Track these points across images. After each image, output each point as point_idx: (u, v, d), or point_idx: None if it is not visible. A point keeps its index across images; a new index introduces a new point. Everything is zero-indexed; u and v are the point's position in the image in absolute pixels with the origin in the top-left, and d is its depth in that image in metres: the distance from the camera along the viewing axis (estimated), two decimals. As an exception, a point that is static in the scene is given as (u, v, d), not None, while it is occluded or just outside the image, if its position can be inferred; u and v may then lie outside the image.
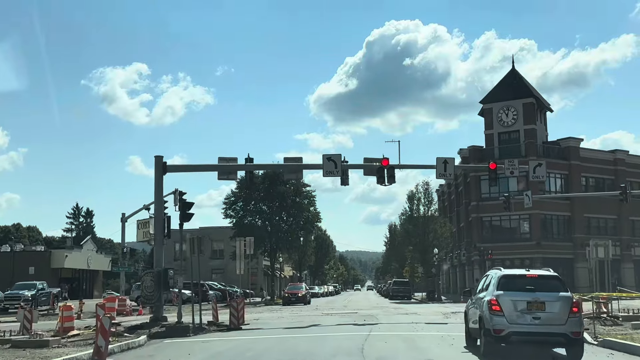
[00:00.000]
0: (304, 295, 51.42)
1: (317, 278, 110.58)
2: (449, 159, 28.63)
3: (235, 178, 26.69)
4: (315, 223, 65.60)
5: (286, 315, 31.16)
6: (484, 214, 58.60)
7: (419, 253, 63.14)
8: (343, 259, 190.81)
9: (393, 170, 27.60)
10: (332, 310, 35.95)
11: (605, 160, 60.36)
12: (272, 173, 63.04)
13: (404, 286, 65.15)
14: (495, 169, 29.26)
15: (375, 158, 28.49)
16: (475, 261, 58.65)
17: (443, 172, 28.33)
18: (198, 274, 25.52)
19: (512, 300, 12.55)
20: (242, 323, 24.26)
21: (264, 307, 45.57)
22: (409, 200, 63.63)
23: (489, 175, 29.42)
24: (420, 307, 38.11)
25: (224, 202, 63.23)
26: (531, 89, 60.56)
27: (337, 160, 27.05)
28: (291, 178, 26.20)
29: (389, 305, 44.54)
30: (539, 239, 55.57)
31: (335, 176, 27.14)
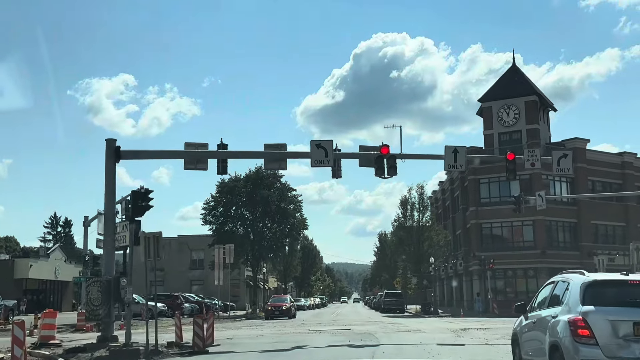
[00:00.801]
0: (289, 308, 46.74)
1: (303, 290, 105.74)
2: (459, 148, 24.27)
3: (205, 167, 22.09)
4: (302, 230, 60.95)
5: (267, 332, 26.52)
6: (484, 220, 54.29)
7: (413, 263, 58.71)
8: (330, 270, 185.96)
9: (394, 160, 23.17)
10: (320, 326, 31.35)
11: (612, 164, 56.36)
12: (255, 176, 58.57)
13: (397, 298, 60.58)
14: (513, 160, 24.92)
15: (372, 146, 24.08)
16: (475, 271, 54.27)
17: (452, 163, 23.96)
18: (153, 283, 20.72)
19: (610, 321, 8.02)
20: (211, 344, 19.59)
21: (244, 322, 40.82)
22: (402, 206, 59.33)
23: (506, 168, 25.07)
24: (420, 323, 33.56)
25: (202, 208, 58.62)
26: (533, 86, 56.55)
27: (327, 148, 22.60)
28: (273, 168, 21.62)
29: (384, 319, 39.95)
30: (544, 247, 51.30)
31: (325, 166, 22.67)
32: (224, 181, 58.27)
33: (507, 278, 52.78)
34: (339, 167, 23.63)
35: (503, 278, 52.73)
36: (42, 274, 62.58)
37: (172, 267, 75.11)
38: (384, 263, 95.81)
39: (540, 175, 51.39)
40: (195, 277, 74.23)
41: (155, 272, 20.20)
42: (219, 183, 58.28)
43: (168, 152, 21.68)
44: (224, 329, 31.13)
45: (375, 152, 23.58)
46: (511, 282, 52.79)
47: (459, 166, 24.02)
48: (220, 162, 22.32)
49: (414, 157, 24.60)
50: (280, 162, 23.00)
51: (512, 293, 52.20)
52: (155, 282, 20.27)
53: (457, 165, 23.99)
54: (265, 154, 22.72)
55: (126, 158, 21.47)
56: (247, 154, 23.03)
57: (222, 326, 34.01)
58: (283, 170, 23.06)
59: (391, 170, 23.11)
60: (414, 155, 24.52)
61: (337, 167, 23.58)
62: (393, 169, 23.09)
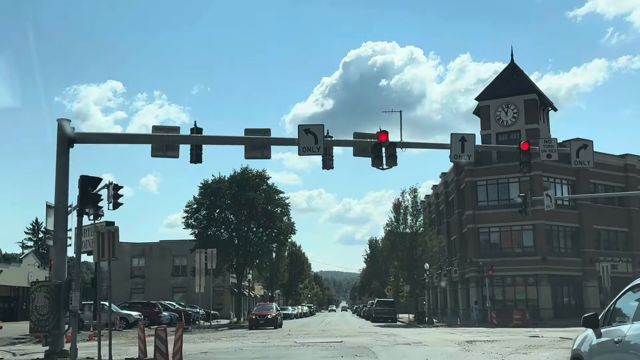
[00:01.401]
0: (275, 317, 43.62)
1: (291, 298, 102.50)
2: (467, 136, 21.42)
3: (175, 155, 19.10)
4: (289, 235, 57.90)
5: (248, 345, 23.45)
6: (482, 224, 51.46)
7: (406, 269, 55.74)
8: (318, 278, 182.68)
9: (394, 148, 20.27)
10: (308, 337, 28.32)
11: (614, 166, 53.77)
12: (240, 177, 55.53)
13: (389, 307, 57.60)
14: (528, 150, 22.05)
15: (369, 133, 21.19)
16: (471, 278, 51.40)
17: (459, 153, 21.11)
18: (108, 287, 17.69)
19: None
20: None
21: (225, 332, 37.68)
22: (394, 210, 56.40)
23: (520, 160, 22.18)
24: (418, 334, 30.59)
25: (184, 211, 55.36)
26: (533, 84, 53.94)
27: (317, 134, 19.69)
28: (255, 156, 18.60)
29: (377, 330, 36.96)
30: (544, 253, 48.51)
31: (314, 154, 19.74)
32: (207, 182, 55.22)
33: (506, 285, 49.95)
34: (330, 156, 20.72)
35: (501, 285, 49.91)
36: (12, 281, 58.98)
37: (153, 273, 71.79)
38: (374, 270, 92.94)
39: (541, 177, 48.73)
40: (177, 285, 70.85)
41: (110, 273, 17.02)
42: (202, 184, 55.22)
43: (131, 135, 18.63)
44: (202, 340, 28.04)
45: (372, 139, 20.70)
46: (510, 290, 49.97)
47: (466, 156, 21.14)
48: (194, 148, 19.33)
49: (416, 146, 21.74)
50: (263, 150, 20.03)
51: (511, 301, 49.37)
52: (109, 284, 16.94)
53: (464, 156, 21.11)
54: (245, 140, 19.75)
55: (82, 142, 18.41)
56: (224, 140, 20.02)
57: (200, 337, 30.95)
58: (266, 159, 20.06)
59: (390, 159, 20.21)
60: (415, 144, 21.63)
61: (329, 156, 20.68)
62: (392, 158, 20.19)
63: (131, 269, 72.81)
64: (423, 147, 21.63)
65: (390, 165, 20.43)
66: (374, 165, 20.44)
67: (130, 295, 69.01)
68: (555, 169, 50.20)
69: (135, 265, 73.15)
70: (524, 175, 50.04)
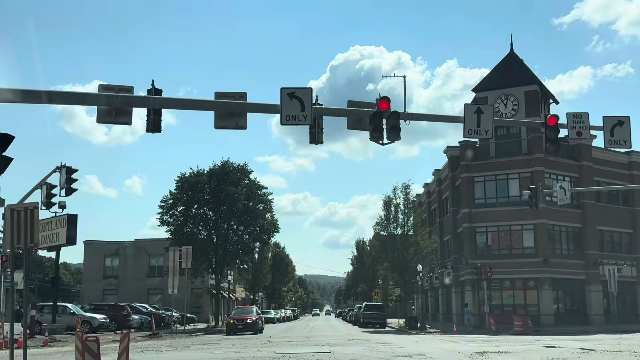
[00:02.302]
0: (255, 321, 39.88)
1: (274, 301, 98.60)
2: (484, 107, 17.87)
3: (128, 121, 15.37)
4: (272, 233, 54.14)
5: (219, 356, 19.73)
6: (479, 223, 47.95)
7: (397, 271, 52.22)
8: (302, 281, 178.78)
9: (397, 119, 16.67)
10: (291, 346, 24.64)
11: (619, 164, 50.56)
12: (220, 171, 51.70)
13: (378, 311, 53.95)
14: (555, 126, 18.45)
15: (366, 102, 17.57)
16: (467, 281, 47.89)
17: (475, 128, 17.51)
18: (30, 282, 13.72)
19: None
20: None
21: (199, 338, 33.88)
22: (385, 207, 52.94)
23: (546, 136, 18.53)
24: (416, 342, 26.98)
25: (159, 206, 51.43)
26: (534, 75, 50.61)
27: (304, 99, 16.05)
28: (228, 125, 14.92)
29: (367, 337, 33.33)
30: (546, 254, 45.11)
31: (300, 124, 16.09)
32: (184, 176, 51.38)
33: (504, 289, 46.45)
34: (320, 128, 17.05)
35: (499, 289, 46.42)
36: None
37: (127, 274, 67.69)
38: (361, 273, 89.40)
39: (543, 174, 45.40)
40: (153, 286, 66.75)
41: (26, 262, 13.28)
42: (179, 178, 51.38)
43: (73, 94, 14.81)
44: (168, 348, 24.29)
45: (369, 108, 17.08)
46: (509, 294, 46.50)
47: (483, 131, 17.53)
48: (151, 113, 15.57)
49: (423, 119, 18.05)
50: (238, 118, 16.31)
51: (510, 306, 45.93)
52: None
53: (480, 131, 17.51)
54: (216, 105, 16.04)
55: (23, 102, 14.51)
56: (188, 103, 16.27)
57: (167, 345, 27.18)
58: (241, 129, 16.34)
59: (392, 132, 16.58)
60: (422, 116, 17.95)
61: (318, 128, 17.00)
62: (395, 130, 16.56)
63: (104, 269, 68.69)
64: (431, 120, 17.94)
65: (392, 139, 16.81)
66: (372, 139, 16.81)
67: (103, 296, 64.93)
68: (558, 165, 46.96)
69: (108, 265, 68.99)
70: (524, 171, 47.11)
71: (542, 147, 46.93)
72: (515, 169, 46.98)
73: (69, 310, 38.36)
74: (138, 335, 36.29)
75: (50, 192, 26.41)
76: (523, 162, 46.73)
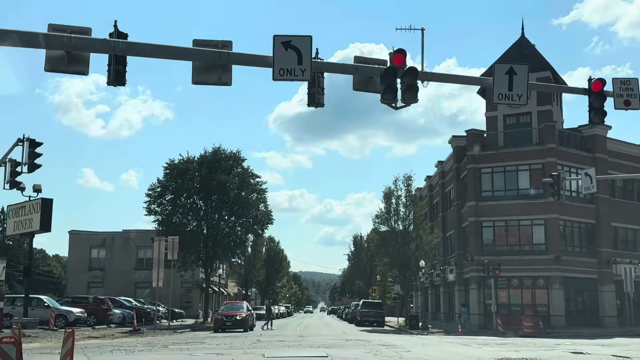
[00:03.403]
0: (245, 318, 37.02)
1: (268, 297, 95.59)
2: (518, 68, 14.91)
3: (83, 70, 12.45)
4: (266, 225, 51.12)
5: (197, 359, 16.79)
6: (485, 217, 45.03)
7: (398, 267, 49.34)
8: (297, 278, 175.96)
9: (414, 77, 13.72)
10: (281, 347, 21.76)
11: (635, 157, 47.76)
12: (211, 158, 48.64)
13: (376, 309, 51.14)
14: (601, 92, 15.50)
15: (376, 58, 14.60)
16: (472, 279, 45.01)
17: (506, 92, 14.62)
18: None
19: None
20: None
21: (183, 336, 30.99)
22: (385, 199, 50.04)
23: (590, 105, 15.57)
24: (423, 345, 24.10)
25: (146, 194, 48.39)
26: (546, 61, 47.67)
27: (302, 50, 13.09)
28: (208, 80, 11.94)
29: (367, 337, 30.46)
30: (558, 251, 42.26)
31: (296, 79, 13.14)
32: (173, 162, 48.34)
33: (512, 288, 43.56)
34: (321, 87, 14.10)
35: (507, 288, 43.54)
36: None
37: (114, 266, 64.71)
38: (358, 269, 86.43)
39: (556, 165, 42.47)
40: (141, 279, 63.57)
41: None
42: (168, 164, 48.35)
43: (23, 35, 11.82)
44: (145, 348, 21.41)
45: (380, 65, 14.15)
46: (516, 293, 43.64)
47: (515, 96, 14.60)
48: (114, 62, 12.60)
49: (445, 79, 15.02)
50: (221, 73, 13.36)
51: (518, 306, 43.10)
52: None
53: (512, 96, 14.58)
54: (194, 54, 13.07)
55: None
56: (161, 51, 13.24)
57: (145, 343, 24.28)
58: (226, 85, 13.39)
59: (409, 93, 13.65)
60: (444, 77, 14.93)
61: (318, 87, 14.05)
62: (412, 90, 13.63)
63: (90, 261, 65.68)
64: (453, 82, 15.01)
65: (408, 102, 13.88)
66: (384, 101, 13.88)
67: (88, 289, 61.90)
68: (571, 157, 44.15)
69: (94, 256, 65.99)
70: (535, 162, 44.22)
71: (553, 137, 44.39)
72: (525, 160, 44.13)
73: (43, 303, 35.35)
74: (118, 331, 33.41)
75: (14, 170, 23.38)
76: (534, 153, 43.87)
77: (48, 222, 32.58)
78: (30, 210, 33.09)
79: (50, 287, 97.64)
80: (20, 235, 35.12)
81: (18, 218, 34.03)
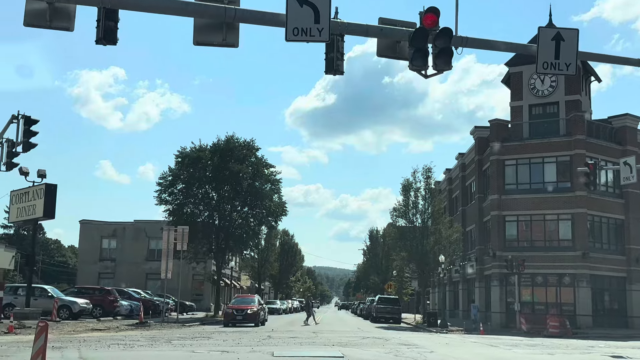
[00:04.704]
0: (256, 312, 35.44)
1: (281, 291, 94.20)
2: (567, 33, 13.05)
3: (68, 25, 10.85)
4: (280, 217, 49.44)
5: (199, 357, 15.18)
6: (509, 211, 43.04)
7: (416, 262, 47.53)
8: (311, 272, 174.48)
9: (448, 40, 11.94)
10: (293, 345, 20.10)
11: (666, 149, 45.44)
12: (224, 146, 47.06)
13: (393, 305, 49.42)
14: (660, 62, 13.61)
15: (405, 21, 12.83)
16: (494, 275, 43.08)
17: (552, 61, 12.82)
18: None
19: None
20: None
21: (190, 330, 29.47)
22: (403, 192, 48.23)
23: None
24: (445, 344, 22.35)
25: (157, 183, 46.98)
26: (575, 49, 45.40)
27: (319, 7, 11.36)
28: (212, 41, 10.19)
29: (384, 334, 28.75)
30: (585, 248, 40.22)
31: (313, 40, 11.40)
32: (184, 151, 46.84)
33: (536, 285, 41.56)
34: (340, 52, 12.36)
35: (530, 285, 41.56)
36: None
37: (125, 257, 63.44)
38: (373, 264, 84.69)
39: (584, 157, 40.29)
40: (152, 270, 62.11)
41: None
42: (179, 153, 46.87)
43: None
44: (147, 342, 19.90)
45: (409, 27, 12.39)
46: (541, 291, 41.66)
47: (563, 66, 12.79)
48: (103, 16, 10.96)
49: (482, 45, 13.15)
50: (227, 32, 11.69)
51: (542, 304, 41.13)
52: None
53: (559, 64, 12.78)
54: (195, 9, 11.40)
55: None
56: (156, 4, 11.60)
57: (147, 337, 22.81)
58: (232, 47, 11.73)
59: (442, 57, 11.90)
60: (481, 42, 13.05)
61: (337, 52, 12.32)
62: (445, 55, 11.88)
63: (100, 251, 64.46)
64: (491, 48, 13.12)
65: (441, 69, 12.12)
66: (413, 68, 12.13)
67: (99, 280, 60.73)
68: (600, 149, 41.99)
69: (105, 247, 64.77)
70: (562, 154, 42.16)
71: (582, 128, 42.31)
72: (552, 151, 42.06)
73: (47, 293, 34.01)
74: (124, 323, 32.03)
75: (11, 151, 21.90)
76: (561, 145, 41.78)
77: (52, 208, 31.19)
78: (34, 196, 31.73)
79: (63, 277, 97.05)
80: (23, 221, 33.77)
81: (21, 204, 32.68)
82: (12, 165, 22.35)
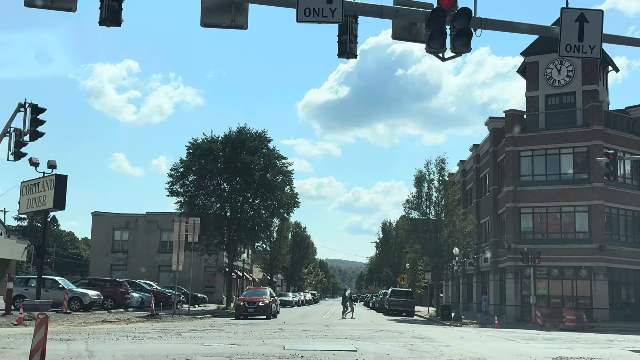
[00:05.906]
0: (268, 304, 35.09)
1: (293, 283, 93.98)
2: (591, 15, 12.48)
3: (70, 6, 10.36)
4: (292, 208, 49.05)
5: (206, 351, 14.82)
6: (524, 203, 42.38)
7: (429, 255, 47.00)
8: (324, 265, 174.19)
9: (467, 19, 11.42)
10: (305, 338, 19.71)
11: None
12: (236, 137, 46.71)
13: (406, 298, 48.95)
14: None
15: (421, 2, 12.32)
16: (508, 268, 42.48)
17: (576, 44, 12.30)
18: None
19: None
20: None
21: (201, 322, 29.18)
22: (417, 183, 47.65)
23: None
24: (460, 337, 21.87)
25: (168, 175, 46.75)
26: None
27: (333, -13, 10.84)
28: (220, 23, 9.72)
29: (397, 327, 28.32)
30: (602, 240, 39.52)
31: (325, 21, 10.93)
32: (196, 142, 46.53)
33: (552, 278, 40.96)
34: (354, 35, 11.88)
35: (546, 278, 40.97)
36: None
37: (137, 249, 63.43)
38: (386, 256, 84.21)
39: (602, 148, 39.55)
40: (164, 262, 61.91)
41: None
42: (191, 144, 46.56)
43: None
44: (157, 334, 19.61)
45: (425, 9, 11.88)
46: (556, 284, 41.05)
47: (587, 48, 12.26)
48: (107, 1, 10.53)
49: (500, 28, 12.52)
50: (235, 13, 11.28)
51: (558, 298, 40.53)
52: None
53: (583, 47, 12.25)
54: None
55: None
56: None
57: (158, 329, 22.54)
58: (241, 29, 11.30)
59: (461, 39, 11.40)
60: (500, 24, 12.48)
61: (351, 35, 11.83)
62: (464, 36, 11.39)
63: (112, 243, 64.45)
64: (510, 30, 12.51)
65: (459, 51, 11.63)
66: (430, 50, 11.63)
67: (111, 272, 60.73)
68: (618, 139, 41.18)
69: (117, 238, 64.73)
70: (579, 145, 41.42)
71: (600, 119, 41.51)
72: (569, 142, 41.34)
73: (57, 285, 33.85)
74: (134, 315, 31.83)
75: (19, 140, 21.61)
76: (578, 135, 41.04)
77: (62, 199, 30.94)
78: (44, 187, 31.50)
79: (77, 269, 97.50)
80: (34, 212, 33.59)
81: (31, 195, 32.46)
82: (20, 155, 22.08)
